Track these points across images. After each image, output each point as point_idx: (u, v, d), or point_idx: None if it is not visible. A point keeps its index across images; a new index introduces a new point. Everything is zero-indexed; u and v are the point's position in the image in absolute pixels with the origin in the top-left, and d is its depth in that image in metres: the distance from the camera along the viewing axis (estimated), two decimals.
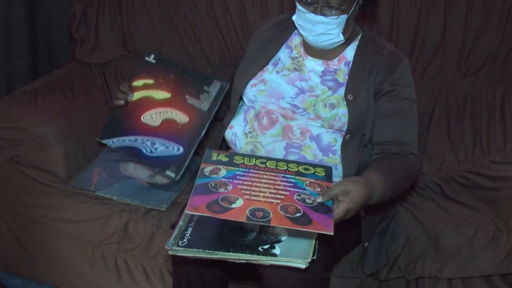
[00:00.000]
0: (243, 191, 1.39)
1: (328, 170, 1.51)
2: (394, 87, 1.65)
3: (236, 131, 1.74)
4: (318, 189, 1.42)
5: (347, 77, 1.68)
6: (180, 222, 1.44)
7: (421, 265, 1.76)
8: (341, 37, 1.64)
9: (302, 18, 1.63)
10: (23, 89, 2.14)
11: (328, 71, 1.71)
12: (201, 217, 1.43)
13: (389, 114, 1.65)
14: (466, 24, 2.18)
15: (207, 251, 1.33)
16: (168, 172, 1.86)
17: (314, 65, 1.72)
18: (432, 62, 2.23)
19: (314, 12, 1.59)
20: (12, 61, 2.71)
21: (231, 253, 1.33)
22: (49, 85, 2.18)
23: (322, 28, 1.61)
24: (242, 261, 1.33)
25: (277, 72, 1.73)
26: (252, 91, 1.73)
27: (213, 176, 1.44)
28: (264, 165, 1.51)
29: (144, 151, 1.91)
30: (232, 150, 1.75)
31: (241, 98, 1.79)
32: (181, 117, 1.93)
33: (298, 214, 1.33)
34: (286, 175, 1.47)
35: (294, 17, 1.67)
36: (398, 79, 1.66)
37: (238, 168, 1.49)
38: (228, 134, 1.77)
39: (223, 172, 1.47)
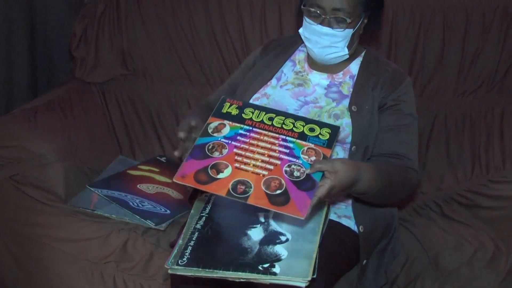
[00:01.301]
0: (236, 157, 1.42)
1: (334, 132, 1.49)
2: (397, 102, 1.68)
3: None
4: (313, 158, 1.42)
5: (351, 90, 1.71)
6: (180, 241, 1.44)
7: (420, 284, 1.75)
8: (346, 51, 1.67)
9: (309, 30, 1.66)
10: (23, 107, 2.15)
11: (333, 84, 1.73)
12: (202, 234, 1.44)
13: (391, 128, 1.67)
14: (464, 44, 2.20)
15: (206, 270, 1.33)
16: (148, 221, 1.89)
17: (319, 79, 1.74)
18: (431, 81, 2.25)
19: (322, 23, 1.63)
20: (12, 79, 2.71)
21: (231, 272, 1.33)
22: (48, 104, 2.19)
23: (328, 40, 1.64)
24: (242, 280, 1.33)
25: (281, 86, 1.76)
26: None
27: (214, 134, 1.47)
28: (270, 123, 1.50)
29: (131, 204, 1.96)
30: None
31: None
32: (176, 194, 2.02)
33: (278, 191, 1.35)
34: (287, 137, 1.47)
35: (300, 30, 1.71)
36: (401, 95, 1.69)
37: (242, 126, 1.49)
38: None
39: (226, 130, 1.48)
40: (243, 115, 1.52)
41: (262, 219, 1.50)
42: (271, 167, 1.40)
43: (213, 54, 2.37)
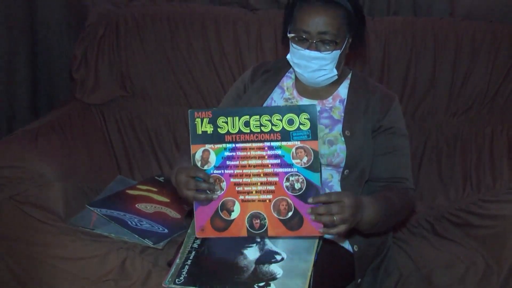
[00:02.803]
0: (236, 188, 1.43)
1: (312, 115, 1.42)
2: (391, 125, 1.69)
3: None
4: (305, 159, 1.40)
5: (342, 114, 1.71)
6: (177, 260, 1.44)
7: None
8: (335, 72, 1.68)
9: (297, 55, 1.66)
10: (24, 128, 2.16)
11: (324, 109, 1.73)
12: (199, 253, 1.44)
13: (387, 152, 1.68)
14: (455, 66, 2.21)
15: None
16: (146, 240, 1.89)
17: None
18: (422, 102, 2.26)
19: (309, 48, 1.63)
20: (14, 100, 2.74)
21: None
22: (49, 125, 2.19)
23: (317, 64, 1.65)
24: None
25: None
26: None
27: (205, 168, 1.44)
28: (248, 129, 1.43)
29: (129, 223, 1.97)
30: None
31: None
32: (174, 214, 2.02)
33: (290, 213, 1.39)
34: (272, 143, 1.42)
35: (288, 56, 1.71)
36: (394, 117, 1.70)
37: (225, 146, 1.44)
38: None
39: (212, 157, 1.44)
40: (219, 130, 1.45)
41: (258, 239, 1.51)
42: (272, 187, 1.42)
43: (210, 75, 2.38)
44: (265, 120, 1.43)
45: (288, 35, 1.69)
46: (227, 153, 1.44)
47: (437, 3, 2.40)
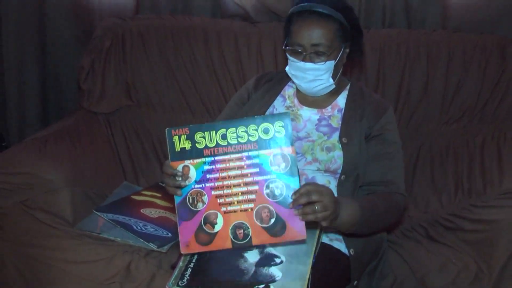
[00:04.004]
0: (218, 200, 1.40)
1: (286, 123, 1.42)
2: (381, 131, 1.70)
3: None
4: (283, 165, 1.40)
5: (340, 122, 1.72)
6: (180, 263, 1.45)
7: None
8: (331, 81, 1.69)
9: (294, 67, 1.69)
10: (34, 136, 2.16)
11: (323, 118, 1.75)
12: (201, 256, 1.45)
13: (377, 157, 1.69)
14: (447, 77, 2.22)
15: None
16: (151, 244, 1.89)
17: (310, 114, 1.76)
18: (416, 112, 2.27)
19: (304, 60, 1.66)
20: (24, 109, 2.75)
21: None
22: (58, 133, 2.19)
23: (312, 74, 1.67)
24: None
25: None
26: None
27: (187, 182, 1.42)
28: (226, 142, 1.42)
29: (134, 227, 1.96)
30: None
31: None
32: None
33: (272, 220, 1.37)
34: (250, 153, 1.41)
35: (287, 68, 1.73)
36: (385, 125, 1.71)
37: (204, 160, 1.42)
38: None
39: (192, 172, 1.42)
40: (197, 145, 1.43)
41: None
42: (253, 196, 1.40)
43: (212, 85, 2.39)
44: (241, 131, 1.43)
45: (284, 48, 1.71)
46: (206, 167, 1.42)
47: (430, 16, 2.41)
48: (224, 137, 1.43)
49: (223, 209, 1.40)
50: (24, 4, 2.61)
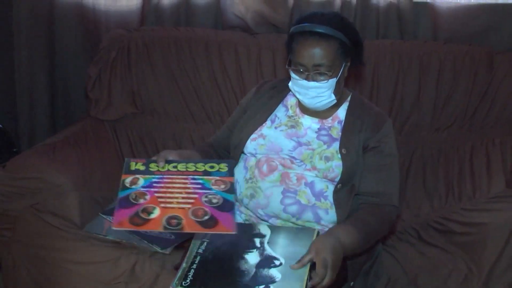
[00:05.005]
0: (159, 199, 1.46)
1: (230, 164, 1.58)
2: (378, 143, 1.69)
3: (237, 177, 1.75)
4: (223, 186, 1.50)
5: (340, 133, 1.71)
6: (183, 264, 1.45)
7: None
8: (333, 97, 1.68)
9: (297, 84, 1.68)
10: (43, 142, 2.16)
11: (323, 128, 1.74)
12: (203, 258, 1.45)
13: (373, 168, 1.68)
14: (438, 87, 2.24)
15: None
16: (155, 246, 1.88)
17: (310, 122, 1.75)
18: (408, 119, 2.28)
19: (307, 78, 1.64)
20: (34, 117, 2.75)
21: None
22: (66, 139, 2.20)
23: (315, 92, 1.66)
24: None
25: (275, 127, 1.76)
26: (253, 145, 1.75)
27: (133, 186, 1.50)
28: (176, 169, 1.55)
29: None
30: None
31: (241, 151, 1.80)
32: None
33: (206, 217, 1.41)
34: (194, 177, 1.53)
35: (290, 84, 1.72)
36: (382, 137, 1.70)
37: (153, 176, 1.53)
38: None
39: (141, 181, 1.52)
40: (149, 168, 1.56)
41: (258, 244, 1.51)
42: (192, 200, 1.46)
43: (213, 93, 2.40)
44: (191, 165, 1.57)
45: (287, 67, 1.71)
46: (154, 179, 1.52)
47: (422, 28, 2.43)
48: (174, 167, 1.57)
49: (162, 205, 1.45)
50: (35, 17, 2.62)
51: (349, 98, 1.80)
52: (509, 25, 2.34)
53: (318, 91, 1.66)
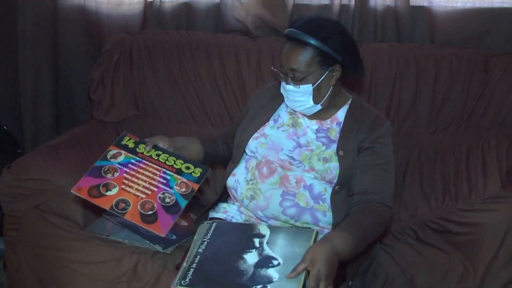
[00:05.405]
0: (124, 180, 1.63)
1: (204, 172, 1.71)
2: (373, 144, 1.68)
3: (239, 178, 1.76)
4: (183, 189, 1.65)
5: (338, 135, 1.71)
6: (184, 264, 1.46)
7: None
8: (312, 104, 1.67)
9: (282, 86, 1.71)
10: (47, 144, 2.16)
11: (322, 129, 1.74)
12: (203, 258, 1.46)
13: (366, 167, 1.67)
14: (435, 89, 2.24)
15: None
16: (156, 246, 1.89)
17: (309, 123, 1.75)
18: (406, 121, 2.27)
19: (285, 81, 1.67)
20: (38, 118, 2.76)
21: None
22: (69, 141, 2.20)
23: (291, 95, 1.67)
24: None
25: (278, 127, 1.76)
26: (254, 144, 1.75)
27: (112, 160, 1.68)
28: (157, 158, 1.71)
29: (141, 230, 1.95)
30: (233, 196, 1.79)
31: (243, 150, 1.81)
32: (182, 222, 2.04)
33: (150, 212, 1.57)
34: (167, 171, 1.68)
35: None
36: (377, 138, 1.68)
37: (135, 157, 1.70)
38: (231, 181, 1.78)
39: (121, 158, 1.70)
40: (137, 149, 1.73)
41: (257, 244, 1.52)
42: (149, 192, 1.62)
43: (214, 96, 2.40)
44: (172, 159, 1.72)
45: (272, 68, 1.75)
46: (132, 161, 1.69)
47: (419, 31, 2.43)
48: (158, 155, 1.72)
49: (123, 186, 1.61)
50: (39, 20, 2.62)
51: (349, 102, 1.79)
52: (504, 29, 2.34)
53: (294, 95, 1.67)
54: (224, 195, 1.87)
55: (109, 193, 1.58)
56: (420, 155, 2.26)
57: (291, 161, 1.70)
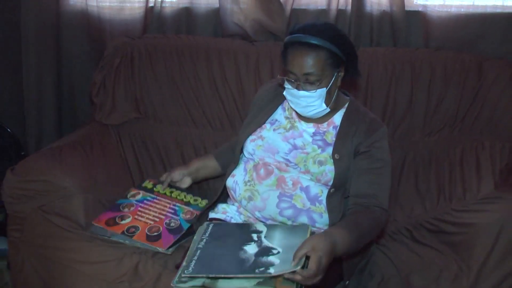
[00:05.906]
0: (138, 212, 1.91)
1: (208, 204, 1.89)
2: (369, 148, 1.68)
3: (237, 179, 1.77)
4: (188, 216, 1.91)
5: (334, 139, 1.71)
6: (184, 263, 1.46)
7: None
8: (324, 107, 1.67)
9: (289, 93, 1.68)
10: (50, 146, 2.16)
11: (318, 132, 1.74)
12: (204, 250, 1.48)
13: (363, 171, 1.67)
14: (429, 92, 2.24)
15: (210, 275, 1.38)
16: (158, 247, 1.90)
17: (306, 127, 1.75)
18: (401, 123, 2.27)
19: (297, 88, 1.64)
20: (41, 121, 2.76)
21: (231, 275, 1.38)
22: (72, 143, 2.20)
23: (305, 101, 1.65)
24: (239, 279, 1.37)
25: (274, 130, 1.77)
26: (251, 146, 1.76)
27: (130, 198, 1.97)
28: (170, 194, 1.99)
29: None
30: (232, 196, 1.81)
31: (242, 151, 1.82)
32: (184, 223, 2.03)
33: (155, 234, 1.83)
34: (176, 204, 1.95)
35: (284, 92, 1.71)
36: (374, 142, 1.68)
37: (151, 194, 1.99)
38: (230, 181, 1.79)
39: (139, 196, 1.99)
40: (154, 189, 2.02)
41: (256, 238, 1.53)
42: (157, 220, 1.88)
43: (213, 99, 2.40)
44: (182, 194, 2.00)
45: (279, 77, 1.72)
46: (148, 198, 1.98)
47: (414, 35, 2.44)
48: (171, 192, 2.01)
49: (136, 216, 1.89)
50: (42, 25, 2.62)
51: (346, 105, 1.79)
52: (497, 33, 2.35)
53: (308, 101, 1.65)
54: (224, 196, 1.87)
55: (123, 222, 1.86)
56: (415, 157, 2.26)
57: (287, 163, 1.70)
